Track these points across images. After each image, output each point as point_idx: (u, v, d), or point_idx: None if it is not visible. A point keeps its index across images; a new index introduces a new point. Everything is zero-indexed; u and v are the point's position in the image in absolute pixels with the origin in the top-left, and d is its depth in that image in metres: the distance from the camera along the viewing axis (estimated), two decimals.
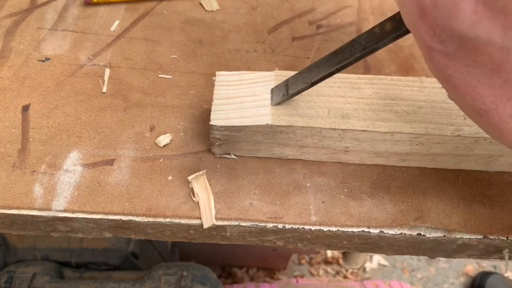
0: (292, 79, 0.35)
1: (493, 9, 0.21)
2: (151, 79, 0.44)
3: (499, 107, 0.23)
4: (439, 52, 0.24)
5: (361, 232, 0.35)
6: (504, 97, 0.23)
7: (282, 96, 0.35)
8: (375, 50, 0.30)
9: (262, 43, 0.48)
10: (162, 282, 0.62)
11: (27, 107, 0.41)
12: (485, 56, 0.22)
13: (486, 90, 0.23)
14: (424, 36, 0.24)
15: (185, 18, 0.50)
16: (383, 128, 0.34)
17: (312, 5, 0.52)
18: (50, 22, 0.48)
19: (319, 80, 0.33)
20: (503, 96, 0.23)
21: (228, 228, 0.35)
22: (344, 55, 0.31)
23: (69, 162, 0.38)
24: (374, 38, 0.30)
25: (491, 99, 0.23)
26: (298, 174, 0.38)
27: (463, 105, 0.25)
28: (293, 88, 0.34)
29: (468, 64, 0.23)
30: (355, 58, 0.31)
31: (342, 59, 0.31)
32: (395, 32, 0.28)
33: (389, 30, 0.29)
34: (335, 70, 0.32)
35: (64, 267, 0.68)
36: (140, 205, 0.35)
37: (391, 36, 0.29)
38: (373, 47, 0.30)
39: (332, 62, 0.32)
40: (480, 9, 0.21)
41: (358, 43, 0.31)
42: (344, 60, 0.31)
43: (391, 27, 0.29)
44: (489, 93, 0.23)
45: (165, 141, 0.39)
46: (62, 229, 0.37)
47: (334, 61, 0.32)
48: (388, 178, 0.38)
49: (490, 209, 0.36)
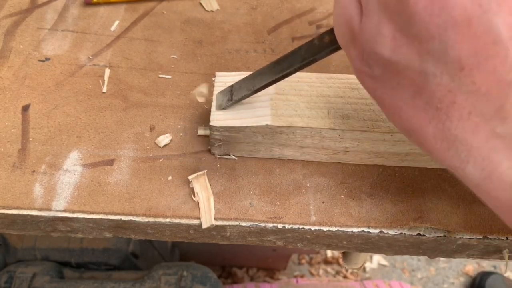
0: (236, 85, 0.35)
1: (408, 36, 0.22)
2: (151, 79, 0.44)
3: (423, 128, 0.24)
4: (367, 75, 0.25)
5: (361, 232, 0.35)
6: (426, 119, 0.23)
7: (227, 101, 0.35)
8: (314, 61, 0.31)
9: (262, 43, 0.48)
10: (162, 282, 0.62)
11: (27, 107, 0.41)
12: (406, 79, 0.23)
13: (411, 111, 0.24)
14: (355, 60, 0.25)
15: (185, 18, 0.50)
16: (383, 128, 0.34)
17: (312, 5, 0.52)
18: (50, 22, 0.48)
19: (262, 87, 0.34)
20: (426, 118, 0.23)
21: (228, 228, 0.35)
22: (285, 65, 0.32)
23: (69, 162, 0.38)
24: (313, 49, 0.30)
25: (415, 120, 0.24)
26: (298, 174, 0.38)
27: (395, 124, 0.26)
28: (237, 94, 0.35)
29: (393, 86, 0.24)
30: (295, 69, 0.31)
31: (283, 68, 0.32)
32: (333, 45, 0.29)
33: (327, 42, 0.29)
34: (277, 79, 0.33)
35: (64, 267, 0.68)
36: (140, 205, 0.36)
37: (329, 48, 0.29)
38: (312, 58, 0.30)
39: (275, 71, 0.33)
40: (398, 35, 0.22)
41: (299, 54, 0.31)
42: (285, 69, 0.32)
43: (329, 40, 0.29)
44: (413, 114, 0.24)
45: (165, 141, 0.39)
46: (62, 229, 0.37)
47: (276, 70, 0.33)
48: (388, 178, 0.38)
49: (490, 209, 0.36)
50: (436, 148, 0.24)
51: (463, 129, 0.22)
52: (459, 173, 0.24)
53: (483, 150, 0.22)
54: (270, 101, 0.36)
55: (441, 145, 0.23)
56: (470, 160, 0.23)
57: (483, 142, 0.22)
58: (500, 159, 0.22)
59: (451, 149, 0.23)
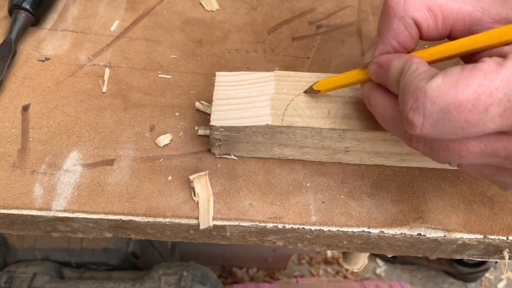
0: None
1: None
2: (151, 79, 0.44)
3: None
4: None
5: (361, 232, 0.35)
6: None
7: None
8: None
9: (262, 43, 0.48)
10: (162, 282, 0.62)
11: (27, 107, 0.41)
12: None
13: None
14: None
15: (185, 18, 0.50)
16: (383, 128, 0.34)
17: (312, 5, 0.52)
18: (50, 22, 0.48)
19: None
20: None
21: (228, 228, 0.35)
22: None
23: (69, 162, 0.38)
24: None
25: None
26: (298, 174, 0.38)
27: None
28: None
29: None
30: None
31: None
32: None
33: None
34: None
35: (64, 267, 0.68)
36: (140, 205, 0.35)
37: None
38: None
39: None
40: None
41: None
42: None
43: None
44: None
45: (165, 141, 0.39)
46: (62, 229, 0.37)
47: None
48: (388, 178, 0.38)
49: (490, 209, 0.36)
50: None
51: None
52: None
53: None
54: (270, 101, 0.36)
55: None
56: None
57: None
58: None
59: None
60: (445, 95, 0.24)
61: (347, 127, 0.34)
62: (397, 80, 0.28)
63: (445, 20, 0.30)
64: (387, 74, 0.29)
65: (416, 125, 0.25)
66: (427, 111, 0.25)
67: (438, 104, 0.24)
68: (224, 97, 0.37)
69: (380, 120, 0.31)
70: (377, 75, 0.31)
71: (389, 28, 0.30)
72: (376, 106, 0.31)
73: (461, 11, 0.29)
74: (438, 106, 0.24)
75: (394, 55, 0.30)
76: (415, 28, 0.30)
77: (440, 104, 0.24)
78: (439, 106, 0.24)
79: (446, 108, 0.24)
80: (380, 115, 0.31)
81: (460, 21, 0.29)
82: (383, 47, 0.31)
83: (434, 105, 0.24)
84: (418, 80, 0.26)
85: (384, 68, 0.30)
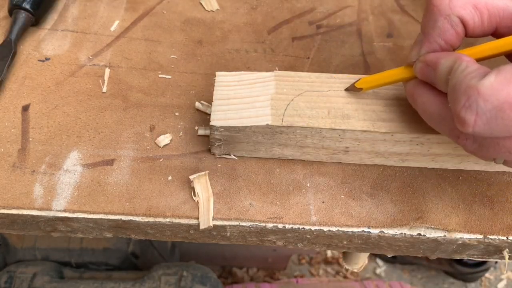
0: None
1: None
2: (151, 79, 0.44)
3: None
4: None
5: (361, 232, 0.35)
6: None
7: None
8: None
9: (262, 43, 0.48)
10: (162, 282, 0.62)
11: (27, 107, 0.41)
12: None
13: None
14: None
15: (185, 18, 0.50)
16: (383, 128, 0.34)
17: (312, 5, 0.52)
18: (50, 22, 0.48)
19: None
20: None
21: (228, 228, 0.35)
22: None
23: (69, 162, 0.38)
24: None
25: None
26: (298, 174, 0.38)
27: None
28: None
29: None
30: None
31: None
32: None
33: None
34: None
35: (64, 267, 0.68)
36: (140, 205, 0.35)
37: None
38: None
39: None
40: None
41: None
42: None
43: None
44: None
45: (165, 141, 0.39)
46: (62, 229, 0.37)
47: None
48: (388, 178, 0.38)
49: (490, 209, 0.36)
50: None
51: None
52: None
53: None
54: (270, 101, 0.36)
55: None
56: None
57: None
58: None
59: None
60: (499, 93, 0.24)
61: (347, 127, 0.34)
62: (446, 79, 0.28)
63: (491, 18, 0.29)
64: (435, 72, 0.29)
65: (469, 123, 0.25)
66: (480, 109, 0.24)
67: (491, 102, 0.24)
68: (224, 97, 0.37)
69: (426, 118, 0.31)
70: (424, 73, 0.30)
71: (435, 27, 0.30)
72: (422, 104, 0.31)
73: (507, 8, 0.29)
74: (491, 104, 0.24)
75: (442, 54, 0.30)
76: (461, 26, 0.30)
77: (493, 102, 0.24)
78: (492, 104, 0.24)
79: (500, 106, 0.24)
80: (426, 112, 0.30)
81: (506, 19, 0.29)
82: (429, 46, 0.31)
83: (487, 103, 0.24)
84: (469, 78, 0.25)
85: (432, 66, 0.29)
